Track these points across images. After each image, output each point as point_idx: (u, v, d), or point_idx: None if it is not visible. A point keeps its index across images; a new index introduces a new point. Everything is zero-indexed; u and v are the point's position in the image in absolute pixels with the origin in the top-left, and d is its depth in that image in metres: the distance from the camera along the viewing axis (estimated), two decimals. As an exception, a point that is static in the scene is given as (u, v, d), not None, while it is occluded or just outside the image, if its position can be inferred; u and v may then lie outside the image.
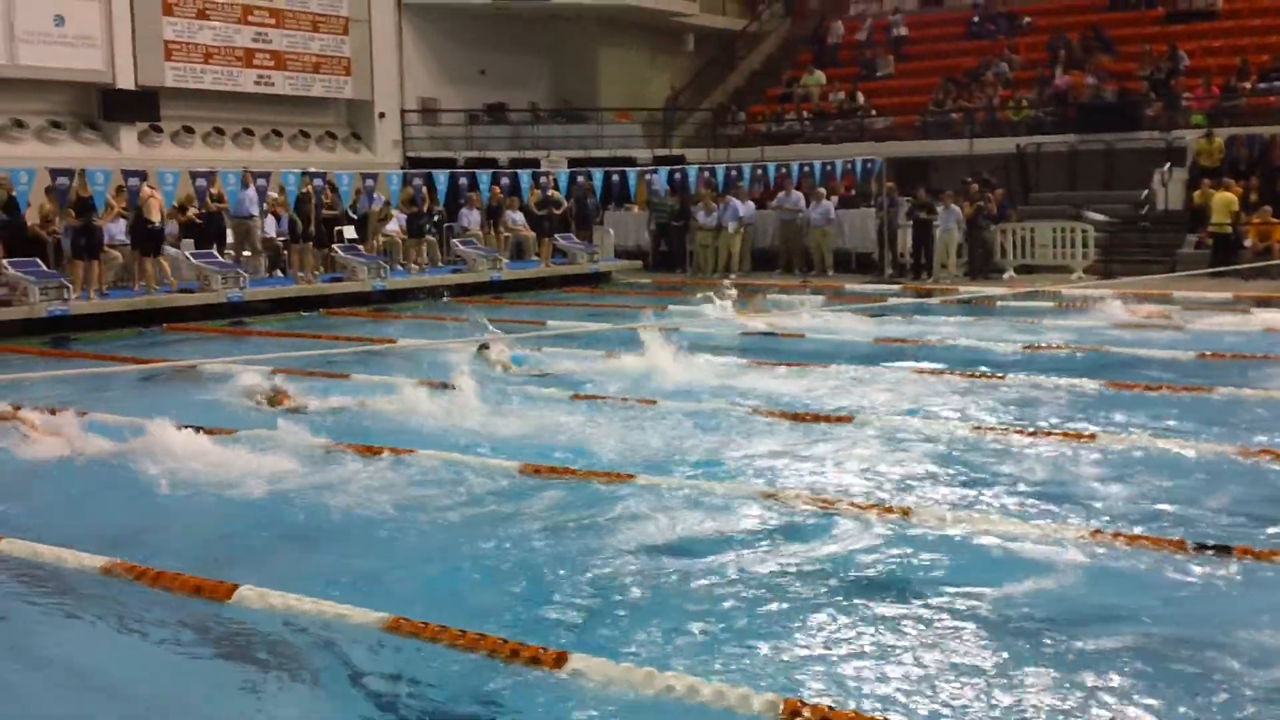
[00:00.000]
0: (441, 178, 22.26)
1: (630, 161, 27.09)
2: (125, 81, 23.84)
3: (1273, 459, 8.22)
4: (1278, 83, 24.35)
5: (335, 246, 21.16)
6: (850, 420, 9.79)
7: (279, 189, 20.70)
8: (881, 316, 17.15)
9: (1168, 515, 7.13)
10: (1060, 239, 22.37)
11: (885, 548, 6.57)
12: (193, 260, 19.04)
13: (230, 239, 20.52)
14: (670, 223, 25.91)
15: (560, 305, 20.25)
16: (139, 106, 24.09)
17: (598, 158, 27.84)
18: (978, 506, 7.36)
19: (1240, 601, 5.71)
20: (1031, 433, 9.15)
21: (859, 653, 5.17)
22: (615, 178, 23.96)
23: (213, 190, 19.53)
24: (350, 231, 22.39)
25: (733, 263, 24.42)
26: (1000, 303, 18.38)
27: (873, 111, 28.92)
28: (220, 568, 6.26)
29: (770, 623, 5.52)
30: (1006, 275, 22.17)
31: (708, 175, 24.56)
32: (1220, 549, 6.24)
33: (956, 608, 5.68)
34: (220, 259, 19.33)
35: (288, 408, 10.78)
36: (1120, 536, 6.51)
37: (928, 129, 27.66)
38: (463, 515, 7.40)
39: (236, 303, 18.47)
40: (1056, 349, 13.72)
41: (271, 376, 11.59)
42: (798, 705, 4.33)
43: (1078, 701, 4.68)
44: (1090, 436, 8.93)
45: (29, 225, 17.90)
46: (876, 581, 6.08)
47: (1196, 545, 6.30)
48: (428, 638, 5.14)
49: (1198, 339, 14.10)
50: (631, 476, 7.94)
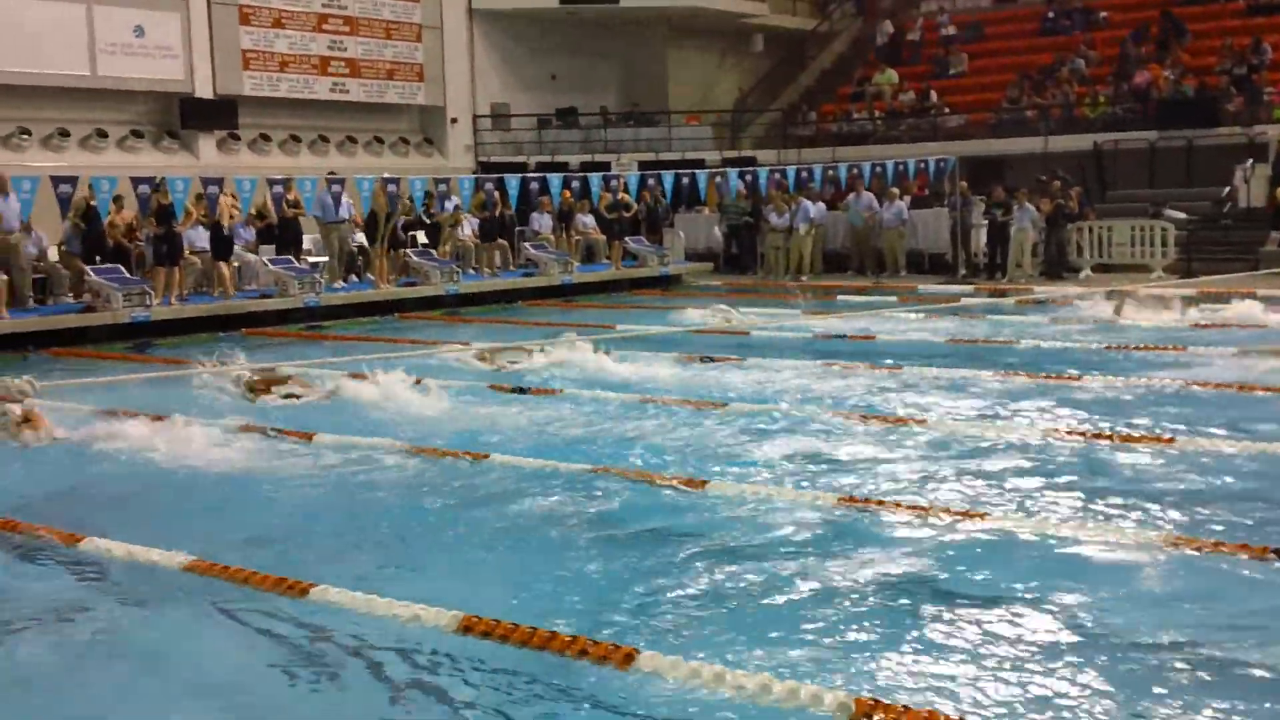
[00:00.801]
0: (513, 182, 22.40)
1: (700, 164, 27.08)
2: (204, 91, 24.28)
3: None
4: (1363, 75, 23.83)
5: (408, 251, 21.38)
6: (923, 422, 9.72)
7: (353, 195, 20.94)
8: (954, 315, 16.99)
9: (1249, 520, 7.00)
10: (1139, 237, 22.01)
11: (959, 551, 6.51)
12: (270, 266, 19.34)
13: (306, 244, 20.83)
14: (741, 225, 25.86)
15: (630, 308, 20.29)
16: (217, 115, 24.52)
17: (668, 160, 27.86)
18: (1054, 511, 7.27)
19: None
20: (1109, 436, 9.02)
21: (932, 654, 5.13)
22: (685, 180, 23.97)
23: (289, 197, 19.81)
24: (423, 236, 22.61)
25: (804, 264, 24.30)
26: (1078, 301, 18.13)
27: (946, 110, 28.66)
28: (296, 565, 6.34)
29: (842, 624, 5.50)
30: (1083, 274, 21.87)
31: (778, 177, 24.47)
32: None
33: (1030, 611, 5.62)
34: (297, 264, 19.60)
35: (279, 395, 11.12)
36: (1198, 542, 6.40)
37: (1002, 127, 27.34)
38: (531, 515, 7.44)
39: (313, 307, 18.72)
40: (1136, 349, 13.50)
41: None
42: (870, 704, 4.31)
43: (1143, 709, 4.61)
44: (1169, 440, 8.78)
45: (111, 233, 18.27)
46: (950, 584, 6.03)
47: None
48: (499, 637, 5.17)
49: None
50: (704, 482, 7.94)
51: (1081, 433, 9.15)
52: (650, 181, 24.15)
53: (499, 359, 13.22)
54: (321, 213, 20.01)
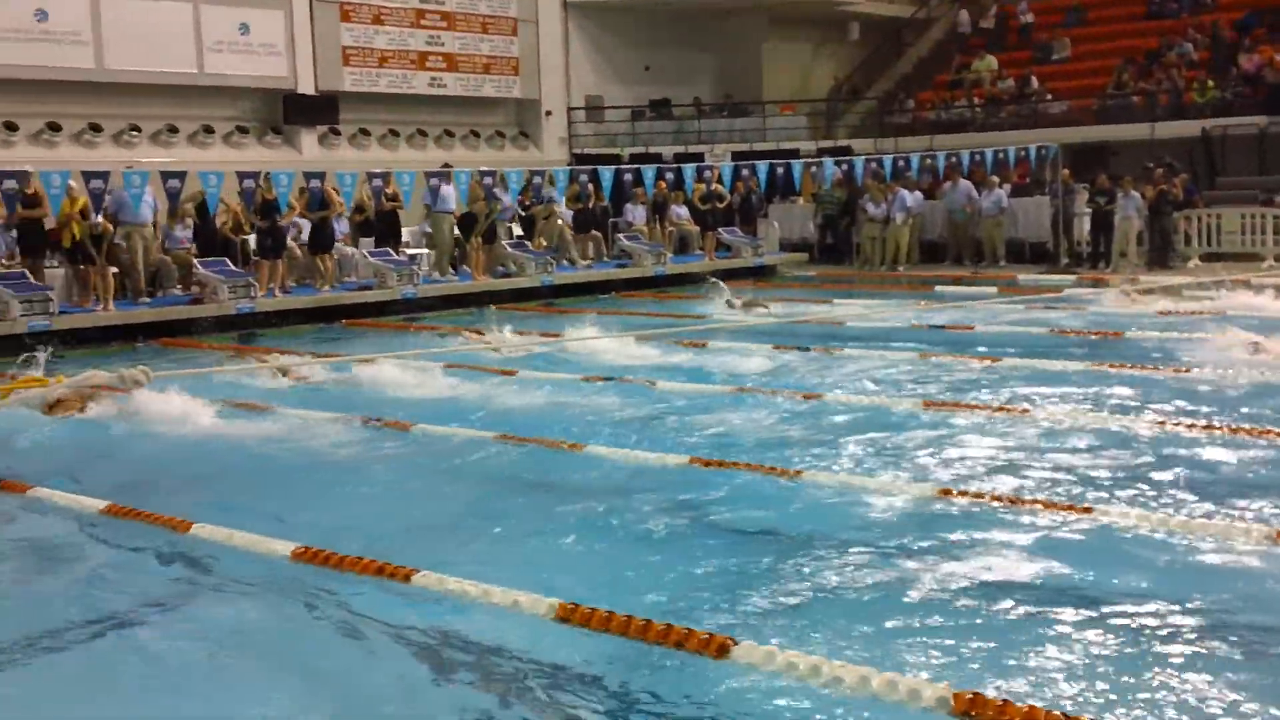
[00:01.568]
0: (607, 174, 22.49)
1: (795, 154, 26.93)
2: (306, 87, 24.73)
3: None
4: None
5: (504, 243, 21.56)
6: (1026, 412, 9.60)
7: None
8: (1055, 308, 16.74)
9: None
10: (1249, 225, 21.48)
11: (1059, 545, 6.43)
12: (369, 258, 19.65)
13: (404, 237, 21.11)
14: (836, 215, 25.68)
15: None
16: (319, 111, 24.96)
17: (762, 151, 27.75)
18: (1158, 504, 7.14)
19: None
20: (1216, 427, 8.83)
21: (1032, 648, 5.08)
22: (780, 170, 23.86)
23: (388, 190, 20.08)
24: (518, 228, 22.81)
25: (901, 254, 24.06)
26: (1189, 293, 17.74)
27: (1048, 96, 28.16)
28: (392, 552, 6.45)
29: (939, 616, 5.46)
30: (1190, 263, 21.39)
31: (875, 166, 24.25)
32: None
33: (1133, 607, 5.53)
34: (395, 257, 19.88)
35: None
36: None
37: (1106, 113, 26.80)
38: (626, 505, 7.49)
39: (410, 299, 18.97)
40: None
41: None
42: (970, 699, 4.28)
43: (1235, 707, 4.53)
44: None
45: (219, 227, 18.71)
46: (1050, 579, 5.95)
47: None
48: (596, 625, 5.22)
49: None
50: (799, 472, 7.93)
51: (1189, 424, 8.97)
52: (744, 172, 24.08)
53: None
54: (435, 203, 20.15)
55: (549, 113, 29.06)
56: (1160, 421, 9.14)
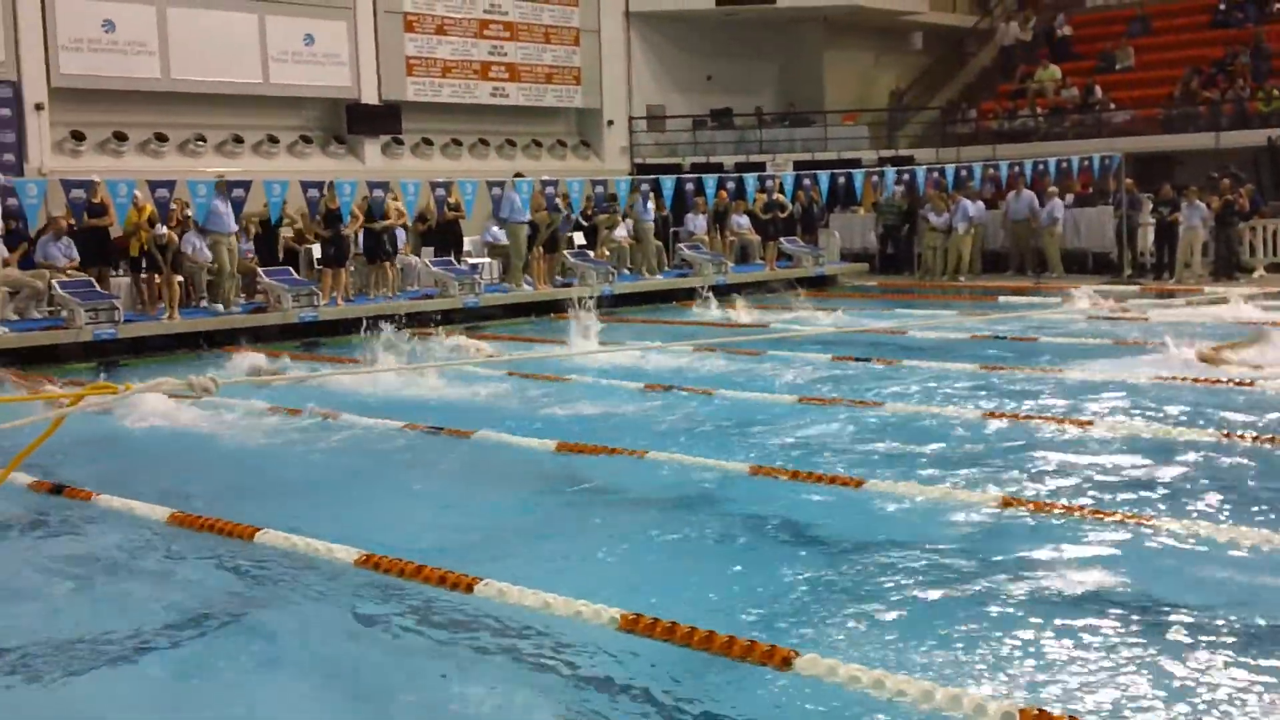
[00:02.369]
0: (668, 183, 22.51)
1: (856, 163, 26.82)
2: (369, 97, 24.96)
3: None
4: None
5: (566, 252, 21.64)
6: (1088, 424, 9.49)
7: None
8: (1117, 319, 16.54)
9: None
10: (1316, 236, 21.12)
11: (1128, 557, 6.35)
12: (431, 267, 19.79)
13: (466, 246, 21.24)
14: (897, 224, 25.54)
15: (787, 308, 20.18)
16: (382, 120, 25.17)
17: (823, 160, 27.66)
18: (1229, 517, 7.03)
19: None
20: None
21: (1099, 664, 5.02)
22: (841, 180, 23.77)
23: (450, 199, 20.23)
24: (580, 237, 22.88)
25: (962, 265, 23.88)
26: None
27: (1111, 105, 27.86)
28: (452, 560, 6.48)
29: (1004, 630, 5.40)
30: (1256, 274, 21.06)
31: (936, 175, 24.10)
32: None
33: (1206, 622, 5.45)
34: (457, 265, 20.01)
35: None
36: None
37: (1171, 123, 26.46)
38: (687, 513, 7.50)
39: (472, 308, 19.09)
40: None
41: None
42: (1035, 715, 4.24)
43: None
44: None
45: (282, 236, 18.95)
46: (1119, 592, 5.88)
47: None
48: (660, 635, 5.22)
49: None
50: (860, 481, 7.90)
51: (1255, 436, 8.83)
52: (805, 181, 24.02)
53: None
54: (510, 214, 20.21)
55: (610, 122, 29.14)
56: (1226, 433, 9.01)
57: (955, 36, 33.71)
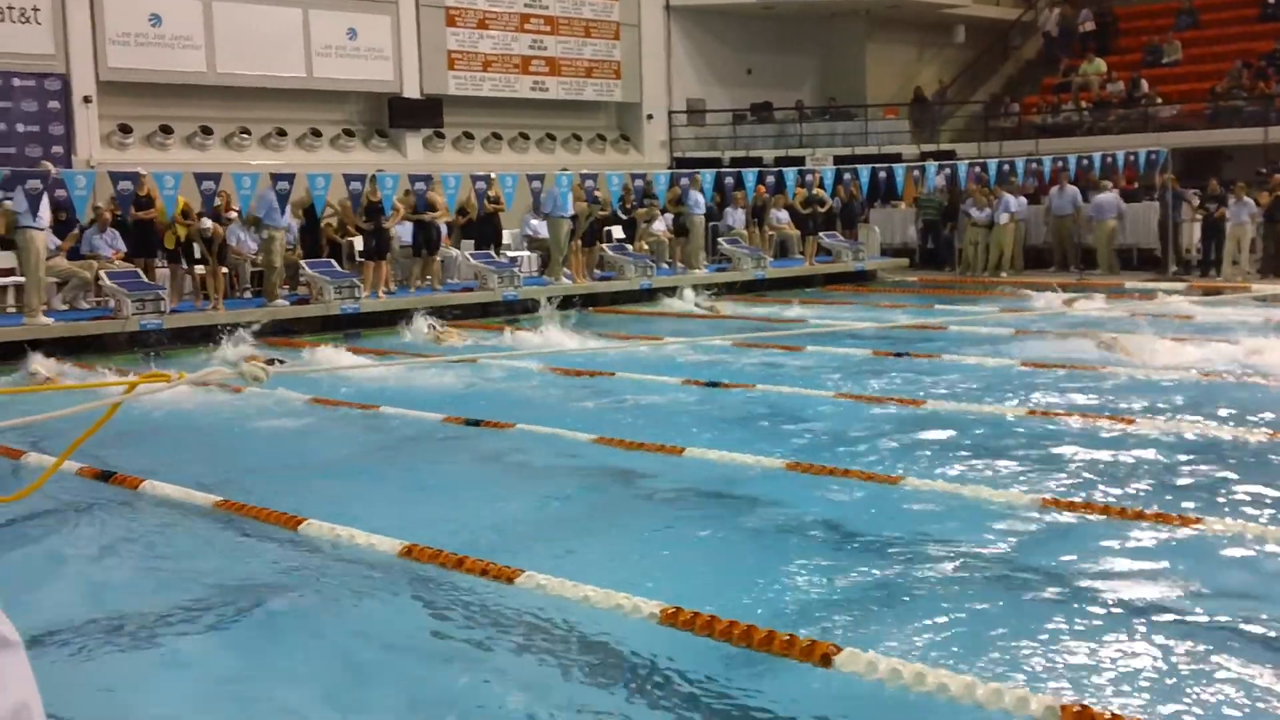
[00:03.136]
0: (707, 177, 22.50)
1: (897, 158, 26.70)
2: (411, 91, 25.09)
3: None
4: None
5: (604, 246, 21.68)
6: (1130, 421, 9.43)
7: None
8: (1161, 316, 16.40)
9: None
10: (1366, 232, 20.84)
11: (1171, 557, 6.32)
12: (471, 260, 19.88)
13: (505, 239, 21.31)
14: (938, 219, 25.42)
15: (824, 304, 20.19)
16: (424, 114, 25.30)
17: (864, 155, 27.55)
18: (1270, 517, 6.98)
19: None
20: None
21: (1140, 662, 5.00)
22: (881, 174, 23.68)
23: (490, 193, 20.29)
24: (619, 231, 22.90)
25: (1004, 260, 23.74)
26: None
27: (1158, 100, 27.59)
28: (492, 552, 6.52)
29: (1043, 626, 5.39)
30: (1305, 271, 20.84)
31: (978, 170, 23.97)
32: None
33: (1248, 624, 5.42)
34: (497, 259, 20.09)
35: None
36: None
37: (1219, 117, 26.17)
38: (725, 510, 7.51)
39: (511, 301, 19.16)
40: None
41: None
42: (1076, 710, 4.23)
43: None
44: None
45: (324, 228, 19.08)
46: (1160, 592, 5.85)
47: None
48: (700, 629, 5.24)
49: None
50: (898, 478, 7.88)
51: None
52: (846, 176, 23.95)
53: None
54: (552, 208, 20.25)
55: (650, 116, 29.15)
56: (1272, 433, 8.93)
57: (999, 30, 33.48)
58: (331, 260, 18.61)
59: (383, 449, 9.68)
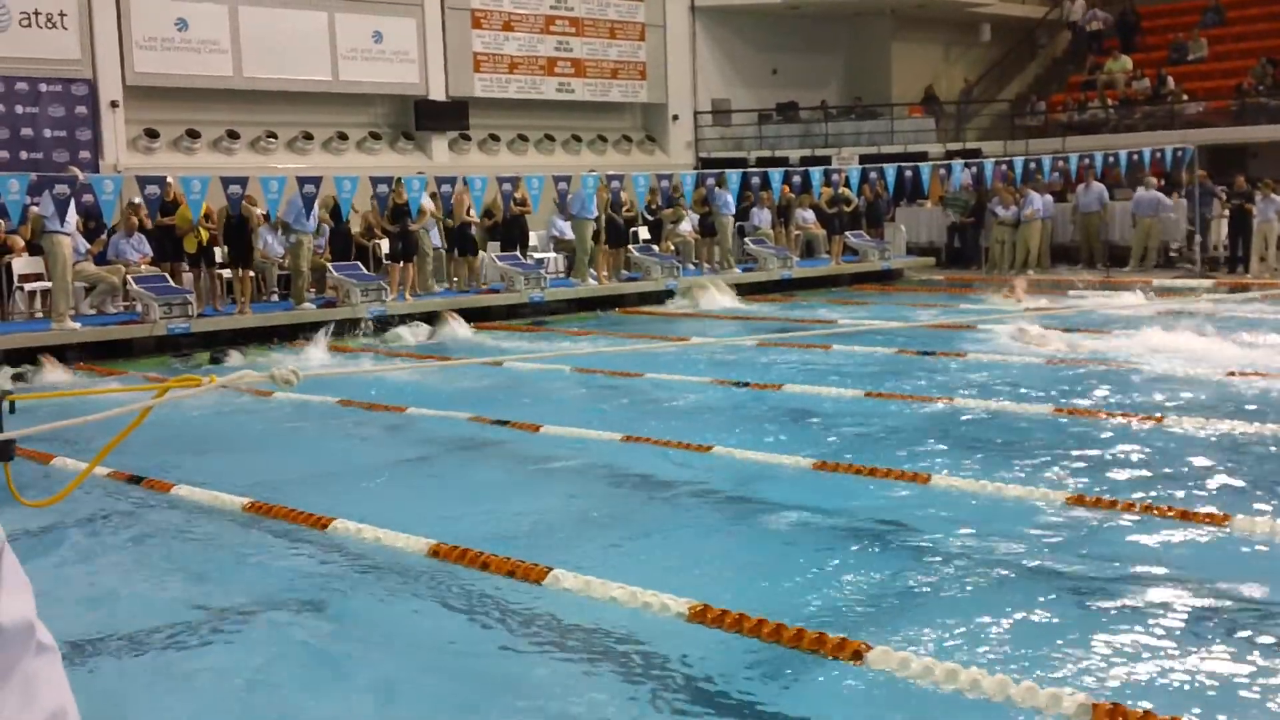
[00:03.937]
0: (733, 177, 22.49)
1: (923, 156, 26.61)
2: (437, 93, 25.16)
3: None
4: None
5: (630, 247, 21.69)
6: (1159, 419, 9.38)
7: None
8: (1189, 313, 16.30)
9: None
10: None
11: (1202, 555, 6.29)
12: (498, 262, 19.92)
13: (532, 241, 21.35)
14: (965, 218, 25.33)
15: (851, 304, 20.15)
16: (450, 116, 25.36)
17: (890, 154, 27.47)
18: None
19: None
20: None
21: (1175, 660, 4.97)
22: (908, 173, 23.61)
23: (516, 195, 20.33)
24: (645, 232, 22.90)
25: (1030, 258, 23.64)
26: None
27: (1184, 97, 27.42)
28: (520, 550, 6.53)
29: (1074, 625, 5.37)
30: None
31: (1004, 168, 23.86)
32: None
33: (1273, 622, 5.38)
34: (524, 261, 20.12)
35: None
36: None
37: (1246, 114, 26.00)
38: (754, 508, 7.51)
39: (538, 303, 19.20)
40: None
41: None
42: (1109, 709, 4.21)
43: None
44: None
45: (352, 232, 19.16)
46: (1196, 590, 5.81)
47: None
48: (729, 626, 5.24)
49: None
50: (927, 477, 7.86)
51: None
52: (871, 175, 23.89)
53: None
54: (579, 210, 20.28)
55: (675, 117, 29.15)
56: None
57: (1025, 28, 33.33)
58: (358, 263, 18.68)
59: (411, 450, 9.71)
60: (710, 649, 5.21)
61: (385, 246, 19.26)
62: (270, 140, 23.20)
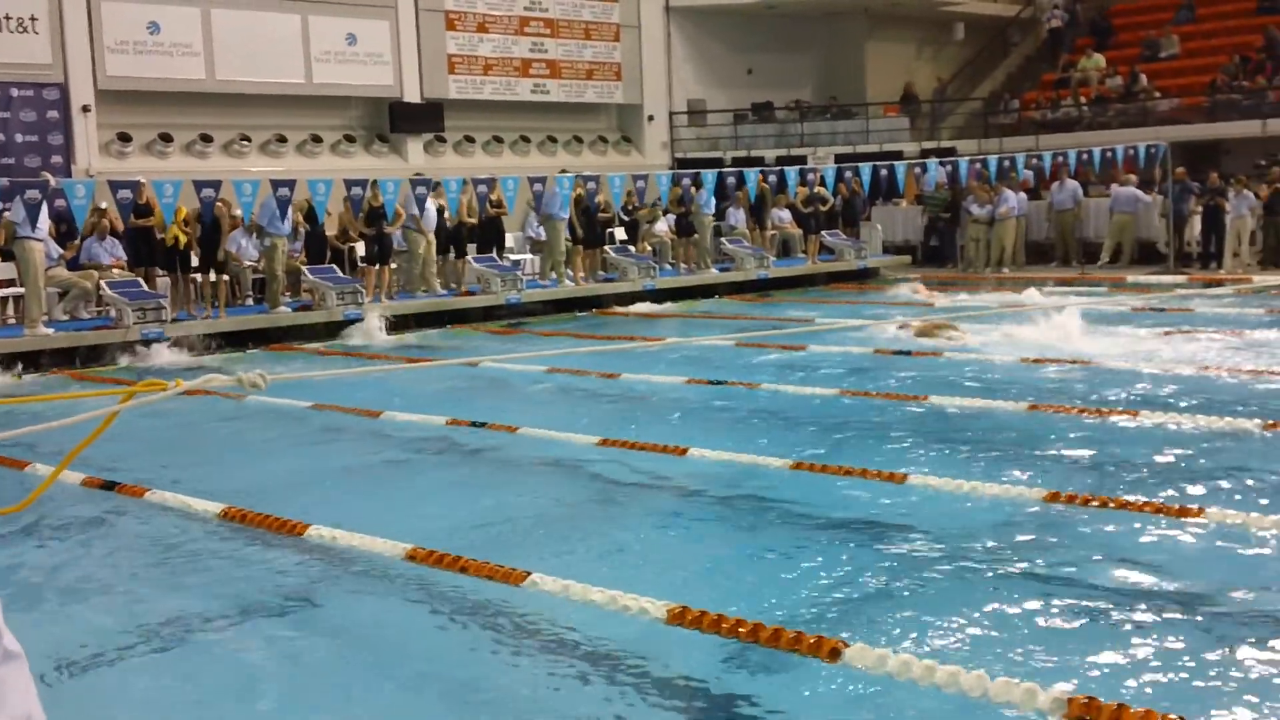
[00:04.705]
0: (709, 177, 22.48)
1: (898, 155, 26.69)
2: (412, 95, 25.10)
3: None
4: None
5: (607, 248, 21.67)
6: (1134, 414, 9.42)
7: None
8: (1164, 309, 16.39)
9: None
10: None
11: (1172, 549, 6.32)
12: (474, 264, 19.88)
13: (508, 243, 21.32)
14: (940, 216, 25.42)
15: (828, 303, 20.19)
16: (425, 118, 25.31)
17: (865, 153, 27.54)
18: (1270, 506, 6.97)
19: None
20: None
21: (1147, 654, 5.00)
22: (883, 172, 23.66)
23: (492, 197, 20.30)
24: (621, 233, 22.89)
25: (1005, 256, 23.73)
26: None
27: (1156, 94, 27.58)
28: (498, 554, 6.51)
29: (1049, 621, 5.39)
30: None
31: (979, 167, 23.96)
32: None
33: (1256, 615, 5.41)
34: (500, 262, 20.09)
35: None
36: None
37: (1216, 110, 26.16)
38: (730, 508, 7.51)
39: (514, 304, 19.17)
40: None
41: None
42: (1084, 703, 4.22)
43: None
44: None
45: (328, 235, 19.08)
46: (1168, 583, 5.85)
47: None
48: (707, 627, 5.23)
49: None
50: (904, 476, 7.87)
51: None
52: (847, 174, 23.93)
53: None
54: (553, 210, 20.22)
55: (651, 117, 29.16)
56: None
57: (998, 26, 33.48)
58: (334, 266, 18.61)
59: (386, 452, 9.67)
60: (689, 650, 5.20)
61: (361, 249, 19.21)
62: (244, 143, 23.11)
